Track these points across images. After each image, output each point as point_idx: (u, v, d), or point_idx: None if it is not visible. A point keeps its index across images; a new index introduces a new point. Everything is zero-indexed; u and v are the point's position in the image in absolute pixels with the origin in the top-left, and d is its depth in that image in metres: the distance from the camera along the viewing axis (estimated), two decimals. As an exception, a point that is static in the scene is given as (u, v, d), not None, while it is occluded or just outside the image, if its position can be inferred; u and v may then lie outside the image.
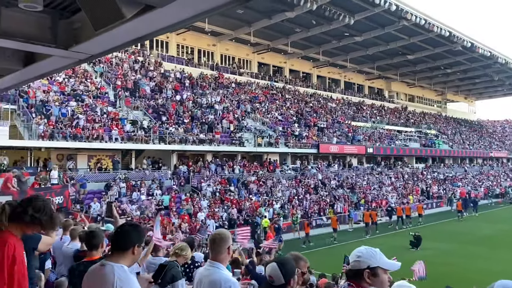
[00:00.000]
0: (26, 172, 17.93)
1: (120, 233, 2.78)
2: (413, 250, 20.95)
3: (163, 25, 3.09)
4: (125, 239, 2.73)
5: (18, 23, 3.40)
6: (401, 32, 40.95)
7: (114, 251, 2.74)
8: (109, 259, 2.70)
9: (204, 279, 3.03)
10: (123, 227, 2.83)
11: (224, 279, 2.91)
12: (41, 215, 2.97)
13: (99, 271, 2.65)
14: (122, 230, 2.80)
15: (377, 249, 2.48)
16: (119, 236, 2.77)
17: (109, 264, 2.65)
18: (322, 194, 31.73)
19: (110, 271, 2.61)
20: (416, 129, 53.48)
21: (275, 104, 40.89)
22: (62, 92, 26.06)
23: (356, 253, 2.44)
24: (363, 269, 2.37)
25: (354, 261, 2.41)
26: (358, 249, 2.47)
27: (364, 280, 2.35)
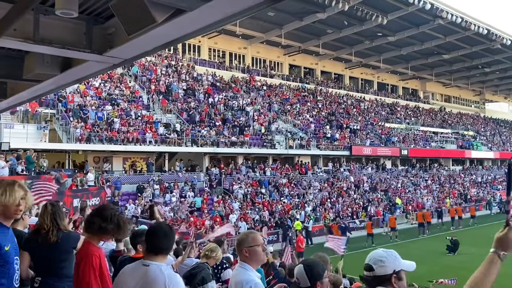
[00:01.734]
0: (65, 174, 18.54)
1: (165, 234, 2.80)
2: (450, 255, 20.32)
3: (194, 28, 3.12)
4: (169, 241, 2.79)
5: (55, 30, 3.52)
6: (436, 31, 39.88)
7: (157, 251, 2.74)
8: (151, 259, 2.71)
9: (232, 279, 3.08)
10: (167, 229, 2.86)
11: (246, 280, 2.91)
12: (108, 224, 3.14)
13: (146, 271, 2.66)
14: (167, 231, 2.82)
15: (394, 251, 2.37)
16: (165, 237, 2.79)
17: (154, 264, 2.68)
18: (355, 197, 31.27)
19: (158, 271, 2.65)
20: (452, 131, 51.91)
21: (307, 106, 40.66)
22: (98, 96, 26.86)
23: (378, 258, 2.29)
24: (390, 274, 2.25)
25: (379, 267, 2.27)
26: (377, 254, 2.33)
27: (392, 285, 2.23)
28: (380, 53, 46.50)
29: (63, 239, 3.90)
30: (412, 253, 16.46)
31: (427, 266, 16.78)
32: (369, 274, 2.28)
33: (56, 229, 3.91)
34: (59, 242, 3.85)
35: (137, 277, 2.68)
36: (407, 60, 49.46)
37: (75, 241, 4.10)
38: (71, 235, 4.12)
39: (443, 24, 37.21)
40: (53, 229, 3.88)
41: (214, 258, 5.08)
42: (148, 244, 2.78)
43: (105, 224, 3.12)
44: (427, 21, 37.46)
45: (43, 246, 3.82)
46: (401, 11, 34.84)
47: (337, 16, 34.99)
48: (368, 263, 2.30)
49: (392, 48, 44.64)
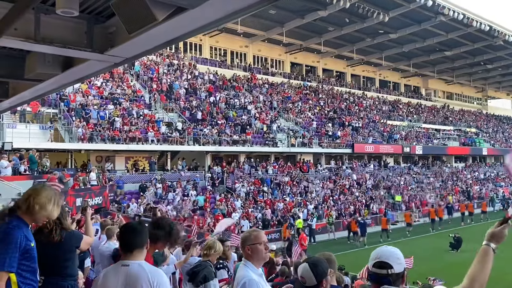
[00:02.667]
0: (67, 173, 18.57)
1: (135, 230, 2.80)
2: (453, 252, 20.29)
3: (195, 26, 3.11)
4: (141, 236, 2.78)
5: (56, 29, 3.52)
6: (438, 28, 39.74)
7: (132, 249, 2.72)
8: (129, 258, 2.69)
9: (236, 275, 3.14)
10: (136, 225, 2.88)
11: (242, 275, 2.97)
12: (158, 231, 3.30)
13: (127, 271, 2.64)
14: (136, 227, 2.83)
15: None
16: (135, 233, 2.78)
17: (133, 263, 2.67)
18: (357, 195, 31.25)
19: (139, 268, 2.63)
20: (455, 128, 51.77)
21: (309, 104, 40.61)
22: (100, 95, 26.88)
23: (395, 256, 2.25)
24: (403, 272, 2.24)
25: (397, 264, 2.22)
26: (389, 251, 2.27)
27: (403, 283, 2.22)
28: (382, 51, 46.39)
29: (67, 238, 3.91)
30: (414, 250, 16.42)
31: (429, 263, 16.77)
32: (384, 272, 2.21)
33: (60, 228, 3.91)
34: (62, 241, 3.85)
35: (120, 279, 2.64)
36: (409, 57, 49.34)
37: (78, 241, 4.11)
38: (74, 235, 4.13)
39: (445, 21, 37.09)
40: (56, 228, 3.88)
41: (214, 254, 5.08)
42: (122, 244, 2.77)
43: (156, 231, 3.28)
44: (429, 18, 37.36)
45: (46, 245, 3.82)
46: (402, 8, 34.74)
47: (338, 13, 34.90)
48: (385, 261, 2.23)
49: (394, 45, 44.54)
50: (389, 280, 2.19)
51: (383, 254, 2.26)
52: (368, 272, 2.32)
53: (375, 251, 2.33)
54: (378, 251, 2.31)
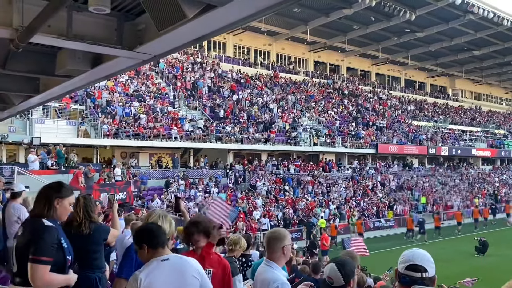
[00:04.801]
0: (93, 168, 18.95)
1: (160, 228, 2.89)
2: (479, 256, 19.81)
3: (223, 24, 3.12)
4: (165, 234, 2.91)
5: (87, 26, 3.58)
6: (467, 26, 38.79)
7: (163, 245, 2.77)
8: (164, 253, 2.73)
9: (258, 277, 3.04)
10: (156, 226, 2.93)
11: (273, 278, 2.88)
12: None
13: (172, 264, 2.67)
14: (158, 227, 2.91)
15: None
16: (162, 231, 2.87)
17: (172, 255, 2.76)
18: (380, 196, 30.85)
19: (178, 258, 2.75)
20: (482, 129, 50.49)
21: (332, 102, 40.28)
22: (125, 93, 27.32)
23: (428, 259, 2.21)
24: (435, 276, 2.20)
25: (430, 268, 2.19)
26: (421, 254, 2.23)
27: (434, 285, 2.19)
28: (408, 50, 45.60)
29: (95, 231, 4.00)
30: (439, 253, 16.12)
31: (454, 266, 16.41)
32: (418, 275, 2.17)
33: (89, 221, 4.00)
34: (91, 234, 3.94)
35: (167, 272, 2.64)
36: (436, 56, 48.32)
37: (106, 233, 4.20)
38: (102, 228, 4.23)
39: (474, 19, 36.19)
40: (85, 221, 3.98)
41: (239, 250, 5.12)
42: (153, 243, 2.73)
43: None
44: (457, 16, 36.51)
45: (75, 237, 3.90)
46: (430, 6, 34.05)
47: (364, 12, 34.48)
48: (420, 264, 2.19)
49: (420, 44, 43.71)
50: (423, 283, 2.16)
51: (417, 256, 2.22)
52: (399, 274, 2.26)
53: (406, 254, 2.29)
54: (410, 253, 2.27)
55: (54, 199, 2.93)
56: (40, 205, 2.92)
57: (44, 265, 2.67)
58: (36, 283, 2.65)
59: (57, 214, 2.94)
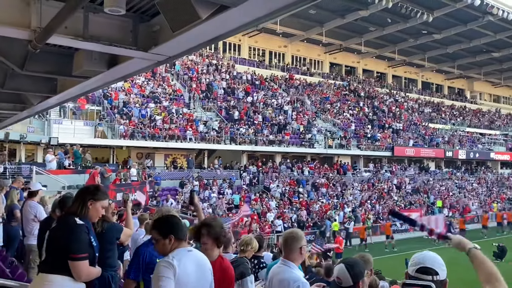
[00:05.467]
0: (109, 169, 19.17)
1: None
2: (497, 261, 19.42)
3: (237, 24, 3.13)
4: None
5: (103, 27, 3.63)
6: (486, 28, 38.13)
7: (185, 238, 2.92)
8: (185, 245, 2.87)
9: (274, 277, 3.04)
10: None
11: (293, 278, 2.89)
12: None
13: (197, 254, 2.85)
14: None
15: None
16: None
17: (193, 248, 2.90)
18: (395, 199, 30.52)
19: (200, 253, 2.92)
20: (502, 132, 49.55)
21: (347, 104, 40.03)
22: (142, 94, 27.60)
23: (440, 262, 2.21)
24: (446, 280, 2.19)
25: (441, 271, 2.18)
26: (433, 256, 2.22)
27: None
28: (425, 51, 45.04)
29: (108, 230, 4.04)
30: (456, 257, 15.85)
31: (471, 271, 16.10)
32: (428, 278, 2.15)
33: (101, 220, 4.04)
34: (104, 232, 3.98)
35: (194, 261, 2.77)
36: (454, 58, 47.64)
37: (118, 232, 4.24)
38: (115, 227, 4.26)
39: (493, 20, 35.55)
40: (98, 220, 4.02)
41: (250, 251, 5.12)
42: (180, 234, 2.85)
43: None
44: (476, 17, 35.93)
45: None
46: (448, 7, 33.58)
47: (380, 13, 34.20)
48: (430, 267, 2.18)
49: (438, 46, 43.13)
50: (433, 286, 2.13)
51: (428, 259, 2.21)
52: (409, 277, 2.24)
53: (416, 256, 2.27)
54: (420, 256, 2.25)
55: (88, 200, 3.17)
56: (75, 204, 3.18)
57: (84, 261, 2.97)
58: (81, 278, 2.96)
59: (89, 215, 3.17)
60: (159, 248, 2.83)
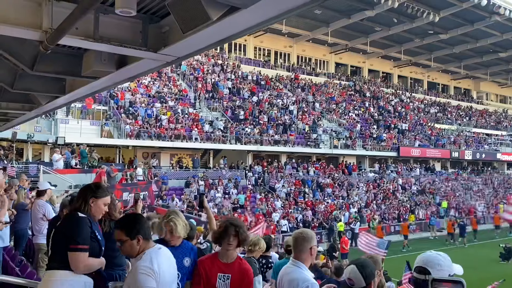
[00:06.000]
0: (115, 168, 19.25)
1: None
2: (503, 263, 19.34)
3: (247, 25, 3.13)
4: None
5: (113, 28, 3.65)
6: (493, 28, 37.93)
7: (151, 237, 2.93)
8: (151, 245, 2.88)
9: (284, 277, 3.04)
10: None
11: (302, 278, 2.89)
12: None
13: (167, 251, 2.92)
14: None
15: (447, 255, 2.31)
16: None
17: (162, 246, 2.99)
18: (401, 199, 30.41)
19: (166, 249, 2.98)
20: (508, 133, 49.24)
21: (353, 105, 39.94)
22: (148, 94, 27.69)
23: (436, 261, 2.25)
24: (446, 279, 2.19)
25: (437, 270, 2.21)
26: (432, 257, 2.28)
27: None
28: (431, 52, 44.88)
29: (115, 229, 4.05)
30: (463, 259, 15.76)
31: (478, 273, 16.03)
32: (422, 277, 2.22)
33: (109, 220, 4.05)
34: (111, 232, 3.99)
35: (166, 260, 2.81)
36: (460, 58, 47.43)
37: None
38: None
39: (500, 21, 35.37)
40: (105, 219, 4.03)
41: (258, 251, 5.13)
42: (147, 233, 2.82)
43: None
44: (483, 18, 35.75)
45: None
46: (454, 7, 33.45)
47: (386, 13, 34.11)
48: (423, 266, 2.25)
49: (444, 46, 42.97)
50: (426, 285, 2.19)
51: (423, 259, 2.29)
52: (411, 277, 2.32)
53: (419, 257, 2.35)
54: (421, 256, 2.33)
55: (90, 198, 3.20)
56: (78, 202, 3.21)
57: (84, 252, 2.97)
58: (79, 268, 2.96)
59: (92, 212, 3.20)
60: (125, 249, 2.75)
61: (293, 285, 2.89)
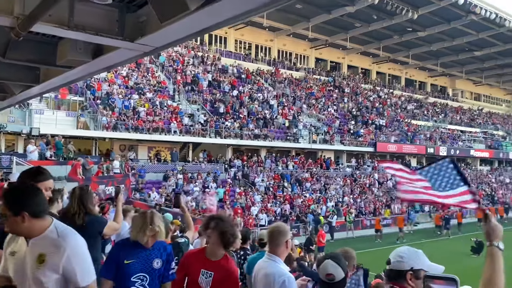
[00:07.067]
0: (91, 161, 18.93)
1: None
2: (475, 256, 19.87)
3: (227, 16, 3.09)
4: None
5: (89, 16, 3.55)
6: (469, 27, 38.74)
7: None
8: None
9: (260, 271, 3.02)
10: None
11: (278, 272, 2.88)
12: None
13: None
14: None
15: (420, 251, 2.34)
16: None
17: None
18: (378, 194, 30.90)
19: None
20: (481, 130, 50.53)
21: (332, 100, 40.25)
22: (125, 85, 27.25)
23: (399, 254, 2.31)
24: (406, 271, 2.23)
25: (396, 262, 2.28)
26: (400, 249, 2.34)
27: (407, 282, 2.21)
28: (409, 49, 45.54)
29: (89, 223, 3.94)
30: (434, 252, 16.16)
31: (449, 266, 16.45)
32: (387, 268, 2.32)
33: (83, 213, 3.96)
34: (85, 225, 3.89)
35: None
36: (437, 56, 48.29)
37: (101, 226, 4.13)
38: (98, 220, 4.16)
39: (476, 20, 36.13)
40: (79, 212, 3.94)
41: (237, 243, 5.11)
42: (35, 211, 2.29)
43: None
44: (459, 16, 36.44)
45: None
46: (432, 5, 34.00)
47: (366, 9, 34.41)
48: (389, 257, 2.33)
49: (422, 43, 43.66)
50: (390, 276, 2.29)
51: (394, 252, 2.36)
52: None
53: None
54: (396, 249, 2.40)
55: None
56: None
57: None
58: None
59: None
60: (10, 226, 2.27)
61: (269, 280, 2.87)
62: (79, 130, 22.40)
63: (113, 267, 3.21)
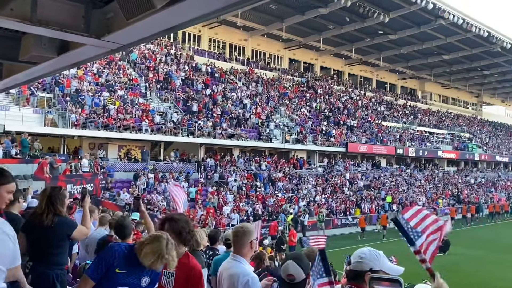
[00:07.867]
0: (59, 159, 18.46)
1: None
2: (440, 254, 20.40)
3: (194, 15, 3.06)
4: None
5: (53, 11, 3.45)
6: (437, 31, 39.85)
7: None
8: None
9: (224, 272, 3.02)
10: None
11: (242, 273, 2.89)
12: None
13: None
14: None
15: (380, 252, 2.39)
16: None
17: None
18: (348, 194, 31.37)
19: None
20: (449, 132, 52.05)
21: (305, 100, 40.59)
22: (96, 82, 26.69)
23: (359, 254, 2.34)
24: (364, 271, 2.27)
25: (356, 262, 2.32)
26: (360, 250, 2.37)
27: (365, 282, 2.23)
28: (380, 51, 46.44)
29: (58, 224, 3.78)
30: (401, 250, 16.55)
31: (414, 265, 16.87)
32: (347, 268, 2.39)
33: (52, 213, 3.81)
34: (53, 227, 3.75)
35: None
36: (407, 59, 49.45)
37: (70, 229, 3.96)
38: (67, 222, 3.98)
39: (445, 24, 37.19)
40: (48, 212, 3.79)
41: (202, 243, 5.13)
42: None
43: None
44: (429, 21, 37.42)
45: (37, 229, 3.74)
46: (403, 9, 34.77)
47: (339, 12, 34.86)
48: (350, 257, 2.38)
49: (393, 46, 44.60)
50: (350, 276, 2.36)
51: (354, 252, 2.40)
52: None
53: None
54: (357, 250, 2.44)
55: None
56: None
57: None
58: None
59: None
60: None
61: (233, 280, 2.87)
62: (46, 128, 21.75)
63: (103, 271, 2.92)
